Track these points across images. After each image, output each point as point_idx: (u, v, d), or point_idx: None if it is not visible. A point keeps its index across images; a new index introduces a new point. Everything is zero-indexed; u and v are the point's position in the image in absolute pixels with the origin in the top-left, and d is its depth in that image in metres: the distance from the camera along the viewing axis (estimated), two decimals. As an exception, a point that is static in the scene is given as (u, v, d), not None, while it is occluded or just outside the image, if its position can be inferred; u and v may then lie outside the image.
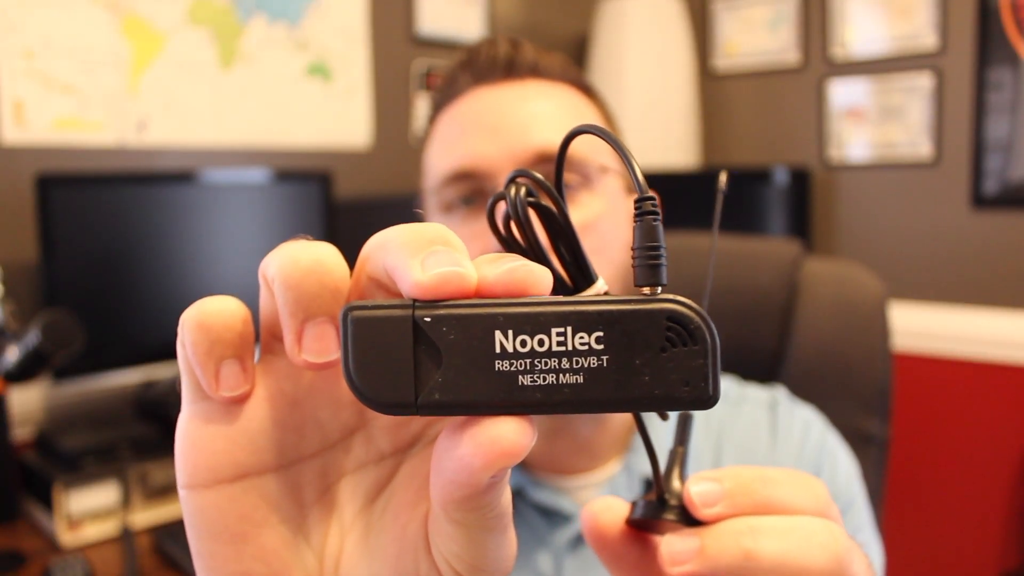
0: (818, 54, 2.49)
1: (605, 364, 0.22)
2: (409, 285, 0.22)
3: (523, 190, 0.27)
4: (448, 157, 0.64)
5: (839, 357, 0.86)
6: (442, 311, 0.22)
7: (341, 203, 1.91)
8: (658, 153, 2.47)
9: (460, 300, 0.22)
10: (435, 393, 0.22)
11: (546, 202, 0.27)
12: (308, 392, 0.27)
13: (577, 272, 0.28)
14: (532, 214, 0.28)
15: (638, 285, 0.23)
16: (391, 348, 0.22)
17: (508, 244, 0.28)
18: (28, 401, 1.53)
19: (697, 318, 0.22)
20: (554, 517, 0.66)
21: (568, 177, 0.63)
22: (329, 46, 2.03)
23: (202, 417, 0.26)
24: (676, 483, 0.34)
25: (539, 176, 0.27)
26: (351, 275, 0.25)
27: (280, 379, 0.27)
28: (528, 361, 0.22)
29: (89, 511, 1.32)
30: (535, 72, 0.66)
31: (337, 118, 2.06)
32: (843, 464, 0.69)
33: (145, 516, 1.37)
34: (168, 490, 1.43)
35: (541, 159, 0.62)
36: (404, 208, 1.13)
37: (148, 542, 1.30)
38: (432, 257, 0.23)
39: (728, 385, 0.74)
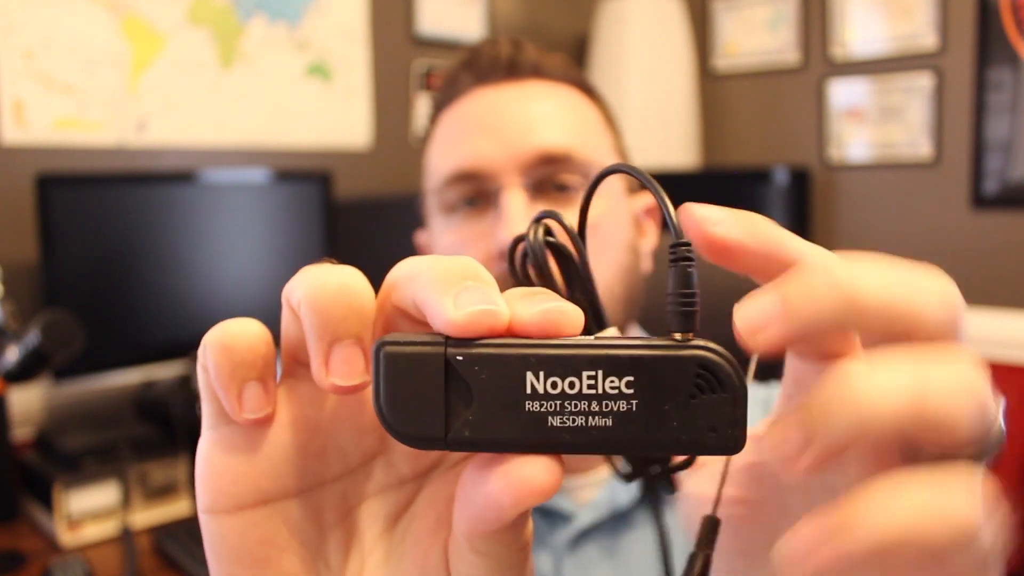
0: (818, 54, 2.49)
1: (634, 408, 0.22)
2: (442, 322, 0.22)
3: (541, 231, 0.27)
4: (449, 158, 0.64)
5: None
6: (474, 350, 0.23)
7: (341, 203, 1.91)
8: (658, 153, 2.47)
9: (492, 339, 0.23)
10: (465, 430, 0.23)
11: (566, 242, 0.28)
12: (330, 418, 0.27)
13: (591, 317, 0.28)
14: (550, 258, 0.28)
15: (671, 331, 0.24)
16: (423, 384, 0.23)
17: (523, 284, 0.28)
18: (28, 401, 1.53)
19: (728, 366, 0.22)
20: (553, 517, 0.66)
21: (569, 178, 0.63)
22: (329, 46, 2.03)
23: (224, 443, 0.26)
24: None
25: (564, 221, 0.27)
26: (376, 299, 0.25)
27: (302, 404, 0.27)
28: (558, 403, 0.22)
29: (89, 511, 1.32)
30: (537, 72, 0.66)
31: (337, 118, 2.06)
32: None
33: (145, 516, 1.37)
34: (168, 490, 1.43)
35: (542, 160, 0.62)
36: (404, 208, 1.13)
37: (148, 542, 1.30)
38: (465, 294, 0.23)
39: None
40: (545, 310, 0.23)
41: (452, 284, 0.23)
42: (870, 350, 0.24)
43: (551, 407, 0.22)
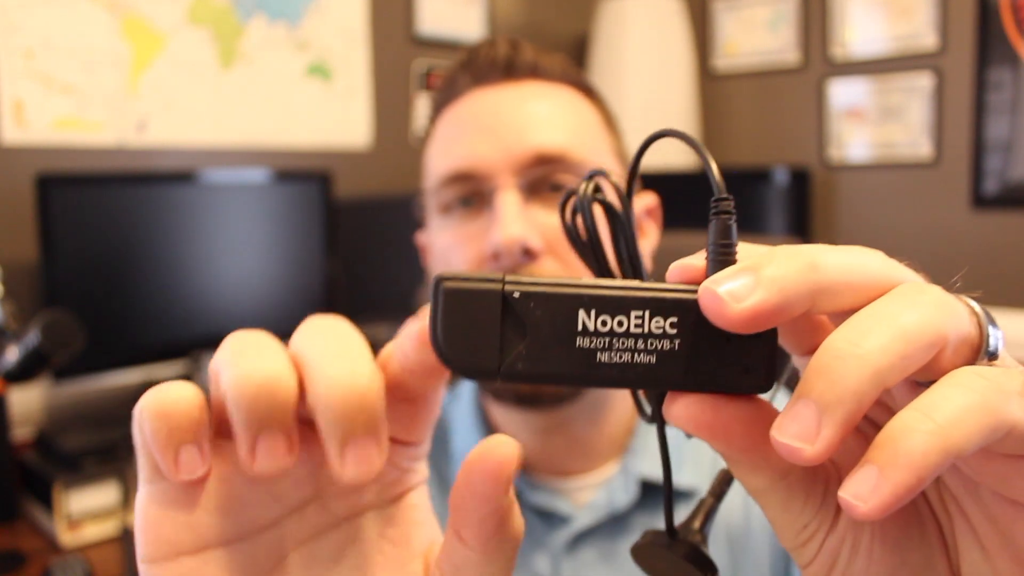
0: (818, 54, 2.49)
1: (677, 347, 0.24)
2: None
3: (591, 187, 0.28)
4: (447, 158, 0.64)
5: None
6: (531, 288, 0.24)
7: (341, 203, 1.91)
8: (658, 153, 2.47)
9: (547, 279, 0.24)
10: (518, 363, 0.24)
11: (613, 200, 0.29)
12: None
13: (630, 269, 0.29)
14: (598, 210, 0.29)
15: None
16: (479, 318, 0.24)
17: (570, 233, 0.30)
18: (28, 401, 1.53)
19: None
20: (551, 518, 0.66)
21: (565, 178, 0.63)
22: (329, 46, 2.03)
23: (160, 497, 0.27)
24: (695, 525, 0.31)
25: (612, 178, 0.28)
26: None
27: (235, 459, 0.27)
28: (607, 339, 0.24)
29: (89, 511, 1.32)
30: (534, 73, 0.66)
31: (337, 118, 2.06)
32: None
33: (145, 516, 1.37)
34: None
35: (539, 160, 0.62)
36: (404, 208, 1.13)
37: (148, 542, 1.30)
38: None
39: None
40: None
41: None
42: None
43: (600, 343, 0.24)
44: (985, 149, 2.23)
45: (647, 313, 0.24)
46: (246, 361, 0.26)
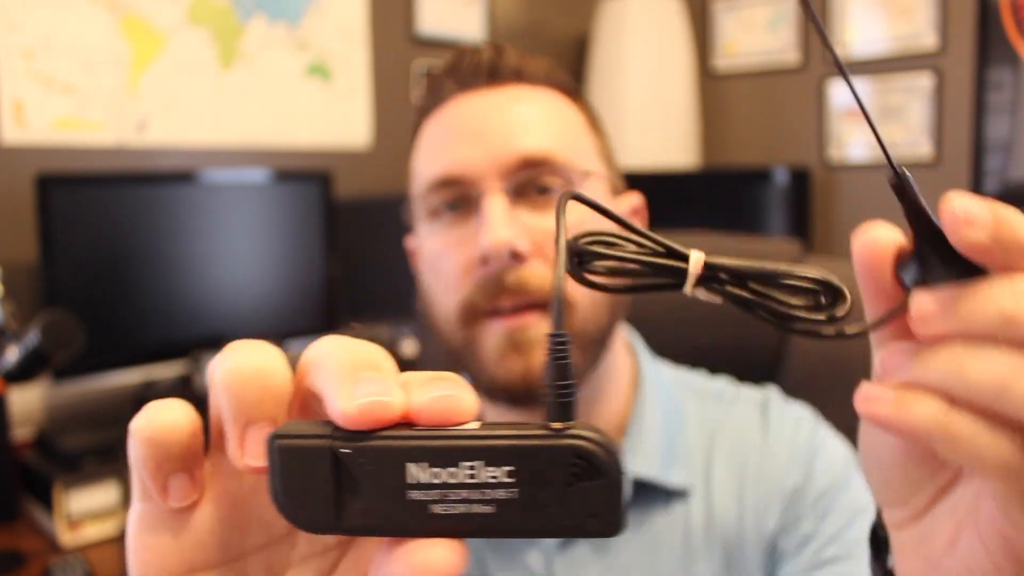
0: (818, 54, 2.49)
1: (515, 496, 0.23)
2: (335, 414, 0.24)
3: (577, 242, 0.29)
4: (433, 164, 0.64)
5: (839, 358, 0.86)
6: (359, 443, 0.24)
7: (341, 203, 1.91)
8: (658, 153, 2.47)
9: (381, 430, 0.24)
10: (355, 517, 0.24)
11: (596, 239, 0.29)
12: (252, 491, 0.28)
13: (669, 256, 0.28)
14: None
15: (550, 420, 0.24)
16: (313, 474, 0.24)
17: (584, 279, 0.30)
18: (28, 401, 1.53)
19: (603, 453, 0.23)
20: None
21: (551, 181, 0.63)
22: (329, 46, 2.04)
23: (150, 519, 0.27)
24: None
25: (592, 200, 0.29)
26: (293, 379, 0.26)
27: (227, 479, 0.28)
28: (440, 492, 0.23)
29: (89, 511, 1.32)
30: (518, 77, 0.66)
31: (337, 118, 2.06)
32: (837, 449, 0.69)
33: (145, 516, 1.37)
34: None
35: (524, 165, 0.62)
36: (404, 208, 1.13)
37: (148, 542, 1.30)
38: (359, 386, 0.24)
39: (723, 386, 0.74)
40: (435, 397, 0.24)
41: (349, 375, 0.24)
42: None
43: (433, 496, 0.23)
44: (985, 149, 2.23)
45: (480, 463, 0.23)
46: (237, 354, 0.26)
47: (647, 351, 0.75)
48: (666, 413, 0.70)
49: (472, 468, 0.23)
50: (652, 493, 0.66)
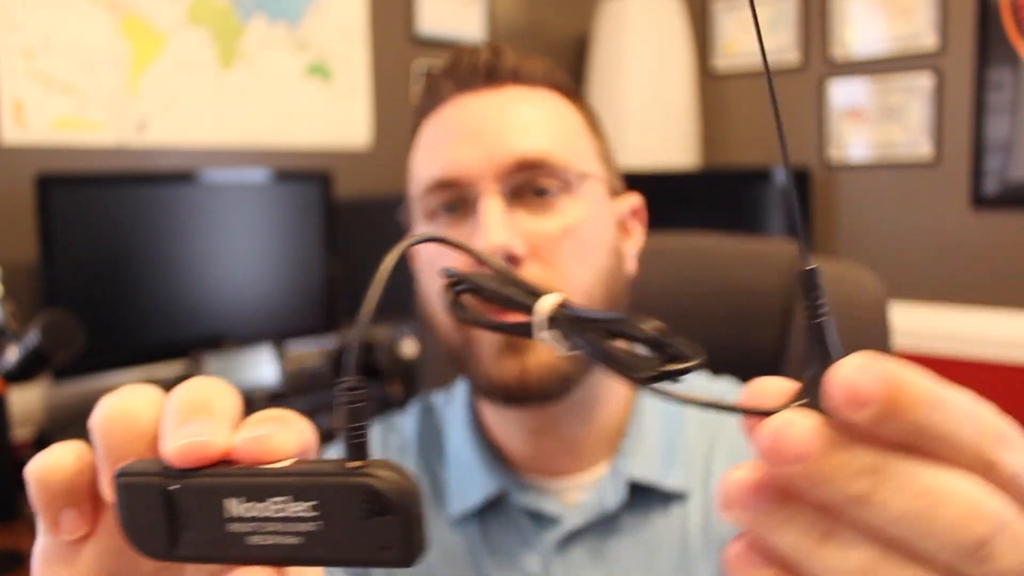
0: (818, 54, 2.49)
1: (319, 529, 0.26)
2: (164, 455, 0.27)
3: (452, 287, 0.31)
4: (431, 165, 0.65)
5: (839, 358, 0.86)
6: (184, 480, 0.27)
7: (341, 203, 1.91)
8: (658, 153, 2.47)
9: (208, 468, 0.27)
10: (186, 547, 0.27)
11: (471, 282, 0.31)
12: None
13: (526, 295, 0.29)
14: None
15: (347, 459, 0.27)
16: (149, 508, 0.27)
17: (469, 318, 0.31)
18: (28, 401, 1.53)
19: (392, 491, 0.26)
20: (541, 519, 0.67)
21: (548, 182, 0.63)
22: (329, 46, 2.04)
23: (49, 551, 0.30)
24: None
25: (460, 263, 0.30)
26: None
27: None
28: (255, 524, 0.26)
29: (89, 511, 1.32)
30: (516, 78, 0.66)
31: (337, 118, 2.06)
32: None
33: (145, 516, 1.37)
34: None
35: (521, 166, 0.62)
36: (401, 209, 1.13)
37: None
38: (183, 428, 0.27)
39: (725, 387, 0.74)
40: (245, 440, 0.27)
41: (178, 418, 0.27)
42: None
43: (249, 528, 0.26)
44: (985, 149, 2.23)
45: (288, 499, 0.26)
46: (110, 399, 0.28)
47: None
48: (666, 414, 0.70)
49: (281, 503, 0.26)
50: (650, 495, 0.66)
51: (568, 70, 2.65)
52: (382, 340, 1.94)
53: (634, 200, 0.73)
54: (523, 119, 0.64)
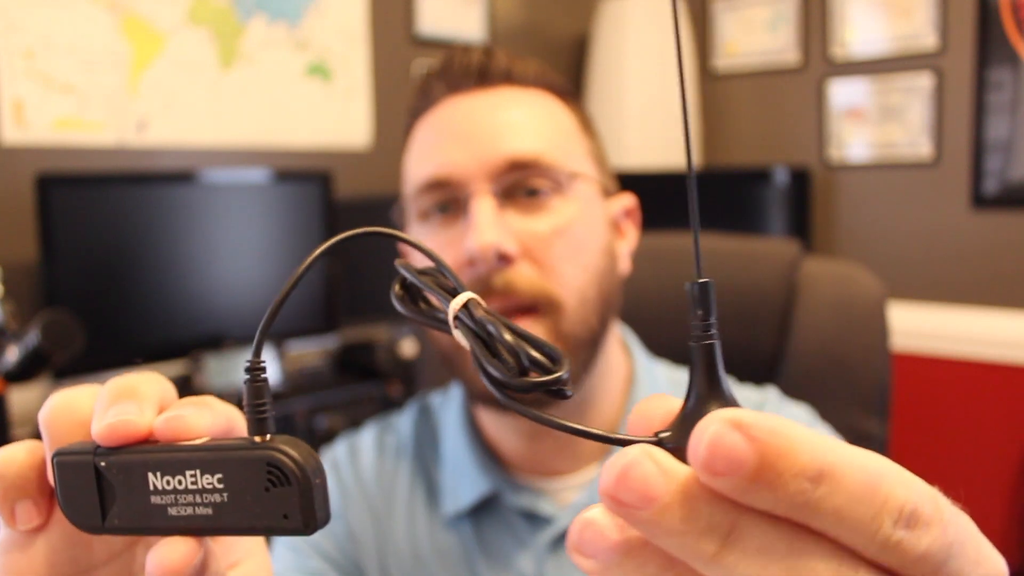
0: (818, 54, 2.49)
1: (226, 499, 0.28)
2: (93, 433, 0.29)
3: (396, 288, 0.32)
4: (423, 166, 0.65)
5: (838, 357, 0.86)
6: (111, 457, 0.29)
7: (341, 203, 1.91)
8: (658, 153, 2.47)
9: (134, 446, 0.29)
10: (115, 519, 0.29)
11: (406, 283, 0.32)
12: None
13: (447, 292, 0.31)
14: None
15: (250, 435, 0.28)
16: (84, 484, 0.29)
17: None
18: (28, 401, 1.53)
19: (291, 464, 0.27)
20: (535, 519, 0.67)
21: (539, 183, 0.64)
22: (329, 46, 2.04)
23: (7, 542, 0.32)
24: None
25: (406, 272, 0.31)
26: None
27: None
28: (174, 496, 0.28)
29: (89, 511, 1.32)
30: (508, 79, 0.67)
31: (337, 118, 2.07)
32: None
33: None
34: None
35: (511, 167, 0.63)
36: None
37: (148, 542, 1.30)
38: (113, 408, 0.29)
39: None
40: (163, 419, 0.29)
41: (107, 401, 0.29)
42: None
43: (169, 500, 0.28)
44: (985, 149, 2.23)
45: (198, 472, 0.28)
46: (55, 395, 0.31)
47: (643, 350, 0.75)
48: None
49: (193, 477, 0.28)
50: None
51: (568, 70, 2.66)
52: (382, 340, 1.94)
53: (627, 200, 0.73)
54: (515, 120, 0.65)
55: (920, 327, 2.28)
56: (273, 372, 1.71)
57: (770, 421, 0.20)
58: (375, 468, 0.73)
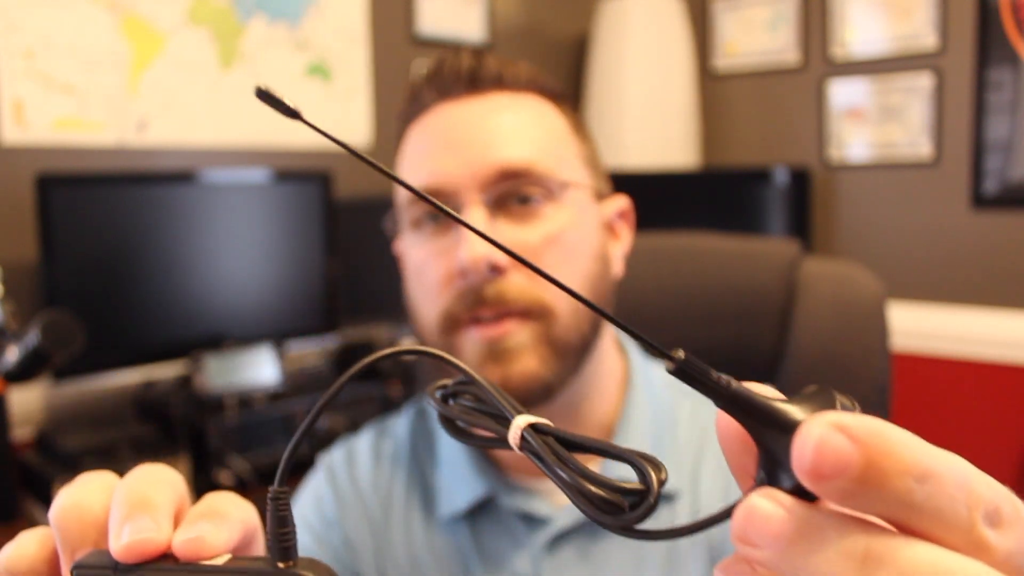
0: (818, 54, 2.49)
1: None
2: (112, 551, 0.29)
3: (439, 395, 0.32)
4: (414, 175, 0.65)
5: (838, 357, 0.86)
6: (130, 575, 0.29)
7: (341, 203, 1.91)
8: (658, 153, 2.47)
9: (150, 562, 0.29)
10: None
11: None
12: None
13: (499, 422, 0.31)
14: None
15: (273, 559, 0.29)
16: None
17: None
18: (28, 401, 1.53)
19: None
20: (530, 520, 0.67)
21: (531, 190, 0.63)
22: (329, 46, 2.04)
23: None
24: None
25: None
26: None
27: None
28: None
29: (89, 511, 1.32)
30: (499, 84, 0.66)
31: (337, 118, 2.06)
32: None
33: (145, 516, 1.37)
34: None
35: (502, 176, 0.62)
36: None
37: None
38: (128, 524, 0.29)
39: None
40: (182, 541, 0.29)
41: (123, 514, 0.30)
42: None
43: None
44: (985, 149, 2.23)
45: None
46: (64, 492, 0.31)
47: (640, 352, 0.75)
48: (656, 414, 0.70)
49: None
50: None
51: (568, 70, 2.66)
52: (382, 340, 1.94)
53: (621, 202, 0.72)
54: (505, 127, 0.64)
55: (920, 327, 2.28)
56: (273, 372, 1.71)
57: (870, 422, 0.20)
58: (372, 475, 0.73)
